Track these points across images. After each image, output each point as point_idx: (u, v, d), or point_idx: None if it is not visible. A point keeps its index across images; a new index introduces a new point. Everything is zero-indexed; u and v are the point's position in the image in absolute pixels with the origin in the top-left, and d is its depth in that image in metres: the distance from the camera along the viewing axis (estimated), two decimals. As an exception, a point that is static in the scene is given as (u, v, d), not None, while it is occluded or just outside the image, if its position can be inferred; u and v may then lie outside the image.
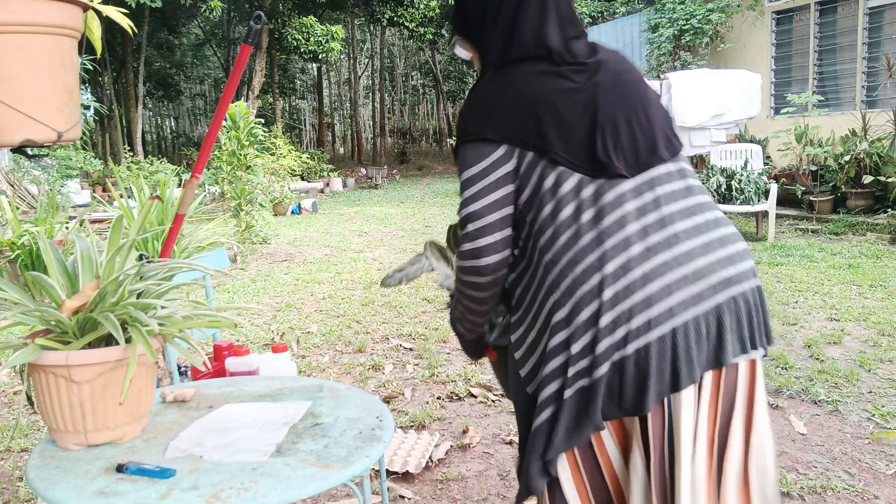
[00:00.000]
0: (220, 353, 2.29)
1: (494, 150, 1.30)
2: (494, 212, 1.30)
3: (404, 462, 2.59)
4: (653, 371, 1.20)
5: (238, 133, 7.57)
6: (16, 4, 1.26)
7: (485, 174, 1.31)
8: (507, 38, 1.37)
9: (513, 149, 1.30)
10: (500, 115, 1.31)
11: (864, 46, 9.03)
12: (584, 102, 1.30)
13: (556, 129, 1.28)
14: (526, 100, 1.30)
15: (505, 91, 1.33)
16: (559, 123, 1.28)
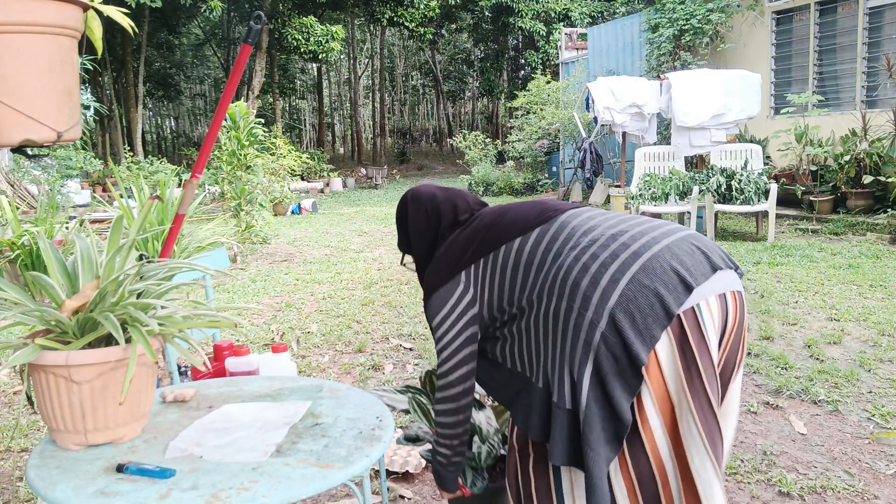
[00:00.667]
0: (220, 353, 2.29)
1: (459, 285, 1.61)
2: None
3: (404, 462, 2.59)
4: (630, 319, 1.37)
5: (238, 133, 7.57)
6: (15, 4, 1.26)
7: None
8: (430, 246, 1.75)
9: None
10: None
11: (864, 46, 9.03)
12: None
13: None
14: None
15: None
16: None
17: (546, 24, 21.48)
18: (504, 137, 19.28)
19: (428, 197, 1.78)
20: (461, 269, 1.60)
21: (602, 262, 1.36)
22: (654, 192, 7.70)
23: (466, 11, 25.80)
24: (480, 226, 1.65)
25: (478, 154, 16.64)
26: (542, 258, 1.46)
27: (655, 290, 1.31)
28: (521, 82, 23.77)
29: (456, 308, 1.59)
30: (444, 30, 29.22)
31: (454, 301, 1.59)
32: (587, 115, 11.46)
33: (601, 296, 1.32)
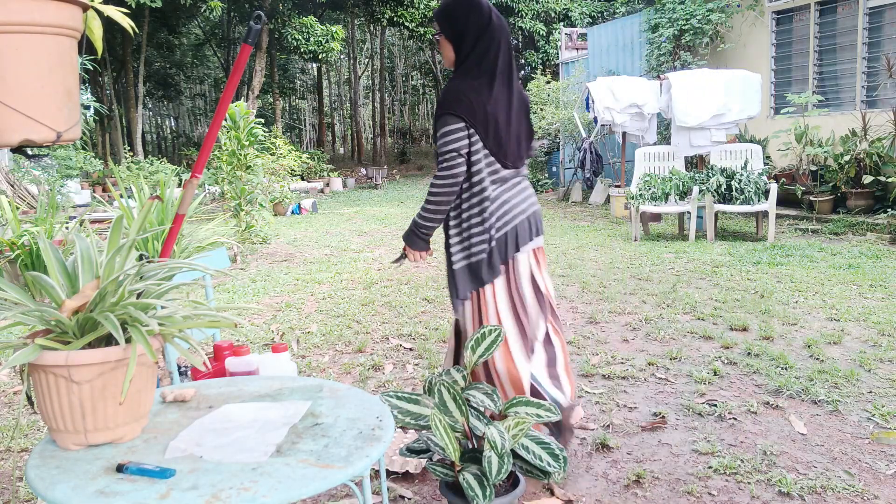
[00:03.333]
0: (220, 353, 2.29)
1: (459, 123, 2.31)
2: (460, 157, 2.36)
3: (404, 462, 2.59)
4: (511, 240, 2.43)
5: (238, 133, 7.57)
6: (15, 4, 1.26)
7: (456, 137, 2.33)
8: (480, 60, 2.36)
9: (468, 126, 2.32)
10: (467, 105, 2.31)
11: (864, 46, 9.03)
12: (506, 118, 2.39)
13: (494, 129, 2.36)
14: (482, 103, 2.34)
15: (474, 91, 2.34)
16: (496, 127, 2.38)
17: (546, 24, 21.48)
18: (504, 137, 19.21)
19: (503, 30, 2.38)
20: (471, 122, 2.30)
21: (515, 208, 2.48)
22: (654, 192, 7.70)
23: (466, 11, 25.73)
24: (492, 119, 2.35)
25: (478, 154, 16.61)
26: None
27: (528, 230, 2.49)
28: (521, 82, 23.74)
29: (461, 135, 2.32)
30: (444, 30, 29.15)
31: (464, 132, 2.32)
32: (587, 115, 11.46)
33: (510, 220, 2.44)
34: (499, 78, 2.35)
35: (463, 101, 2.29)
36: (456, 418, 1.98)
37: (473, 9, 2.33)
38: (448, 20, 2.35)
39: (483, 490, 1.85)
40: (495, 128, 2.34)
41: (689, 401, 3.17)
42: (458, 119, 2.28)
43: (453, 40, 2.36)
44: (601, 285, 5.53)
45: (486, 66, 2.33)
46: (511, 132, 2.39)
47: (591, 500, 2.37)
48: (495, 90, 2.33)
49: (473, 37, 2.32)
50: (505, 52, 2.36)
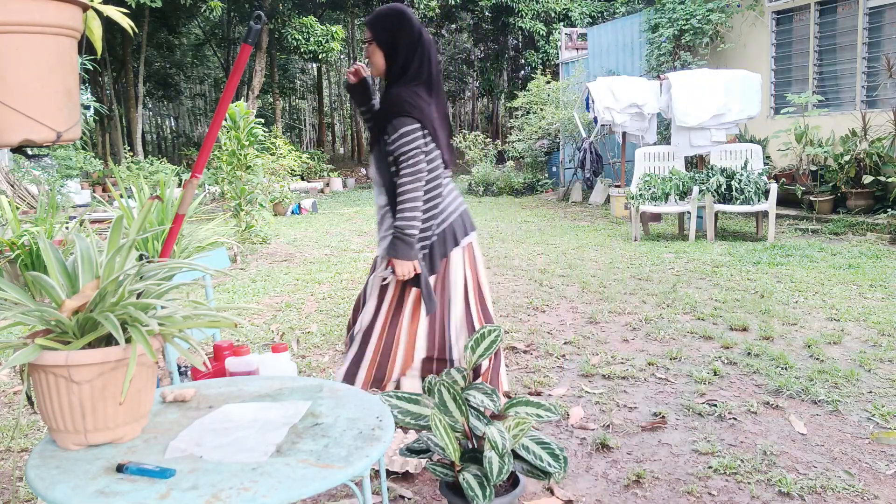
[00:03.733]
0: (220, 353, 2.29)
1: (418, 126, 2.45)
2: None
3: (404, 462, 2.59)
4: (450, 236, 2.60)
5: (238, 133, 7.57)
6: (15, 4, 1.26)
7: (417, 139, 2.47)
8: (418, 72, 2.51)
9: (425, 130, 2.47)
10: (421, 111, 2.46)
11: (864, 46, 9.03)
12: (446, 122, 2.62)
13: (437, 133, 2.53)
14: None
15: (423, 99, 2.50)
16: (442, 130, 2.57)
17: (546, 24, 21.47)
18: (504, 137, 19.28)
19: (431, 44, 2.55)
20: (423, 124, 2.45)
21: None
22: (654, 192, 7.70)
23: (466, 11, 25.78)
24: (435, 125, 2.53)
25: (478, 154, 16.63)
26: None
27: (463, 225, 2.66)
28: (521, 82, 23.78)
29: (419, 135, 2.45)
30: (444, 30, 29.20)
31: (420, 132, 2.45)
32: (587, 115, 11.46)
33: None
34: (434, 87, 2.52)
35: (416, 106, 2.43)
36: (456, 418, 1.98)
37: (406, 20, 2.48)
38: (384, 29, 2.48)
39: (483, 490, 1.85)
40: (437, 132, 2.51)
41: (689, 401, 3.17)
42: (413, 120, 2.41)
43: (386, 49, 2.49)
44: (601, 285, 5.53)
45: (424, 76, 2.49)
46: (445, 137, 2.58)
47: (591, 500, 2.37)
48: (433, 98, 2.51)
49: (408, 47, 2.47)
50: (436, 64, 2.54)
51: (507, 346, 4.07)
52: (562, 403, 3.19)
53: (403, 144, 2.42)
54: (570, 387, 3.41)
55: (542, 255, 7.08)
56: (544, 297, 5.26)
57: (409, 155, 2.42)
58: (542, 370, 3.65)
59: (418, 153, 2.42)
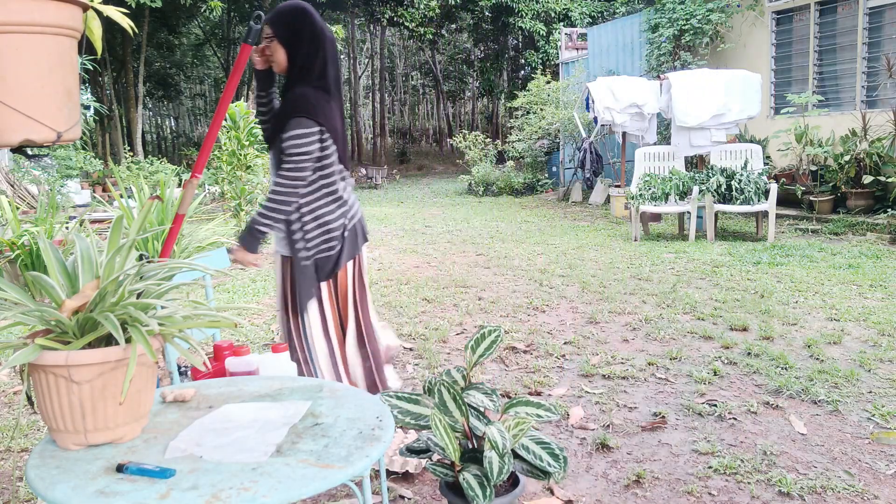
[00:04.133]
0: (220, 353, 2.29)
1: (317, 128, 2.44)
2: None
3: (404, 462, 2.59)
4: (349, 242, 2.62)
5: (238, 133, 7.57)
6: (15, 4, 1.26)
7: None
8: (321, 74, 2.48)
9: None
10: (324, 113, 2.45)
11: (864, 46, 9.03)
12: (342, 125, 2.57)
13: (338, 134, 2.53)
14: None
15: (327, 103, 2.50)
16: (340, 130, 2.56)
17: (546, 24, 21.47)
18: (504, 137, 19.27)
19: (333, 43, 2.54)
20: (326, 127, 2.44)
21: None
22: (654, 192, 7.70)
23: (466, 11, 25.78)
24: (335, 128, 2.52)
25: (478, 154, 16.64)
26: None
27: (361, 233, 2.71)
28: (521, 82, 23.78)
29: (315, 139, 2.44)
30: (444, 30, 29.19)
31: (314, 135, 2.43)
32: (587, 115, 11.46)
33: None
34: (334, 88, 2.51)
35: (318, 107, 2.42)
36: (456, 418, 1.98)
37: (308, 19, 2.46)
38: (285, 26, 2.46)
39: (483, 490, 1.85)
40: (337, 133, 2.51)
41: (689, 401, 3.17)
42: (314, 123, 2.41)
43: (288, 46, 2.46)
44: (601, 285, 5.53)
45: (326, 77, 2.48)
46: (343, 137, 2.59)
47: (591, 500, 2.37)
48: (333, 99, 2.51)
49: (311, 46, 2.45)
50: (337, 65, 2.55)
51: (507, 346, 4.07)
52: (562, 403, 3.19)
53: (295, 147, 2.40)
54: (570, 387, 3.41)
55: (542, 255, 7.08)
56: (544, 297, 5.26)
57: (296, 158, 2.41)
58: (542, 370, 3.65)
59: (306, 159, 2.42)
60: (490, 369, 3.71)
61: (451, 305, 5.12)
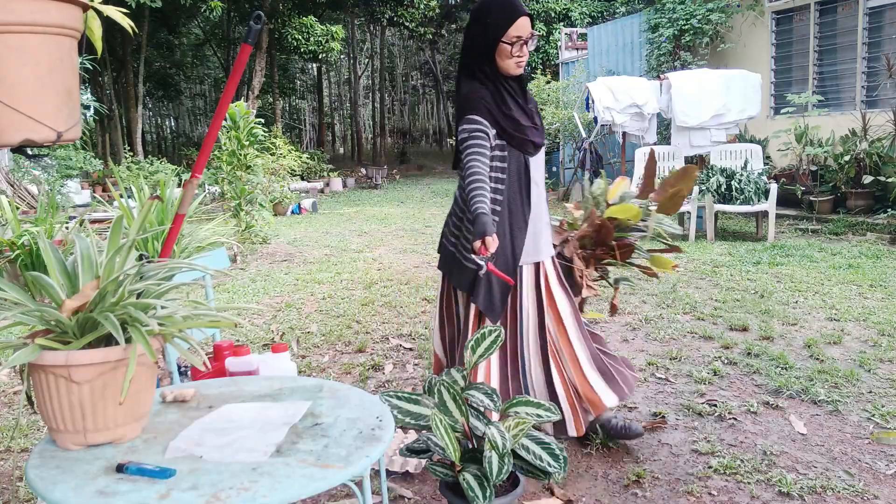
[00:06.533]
0: (220, 353, 2.29)
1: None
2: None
3: (404, 462, 2.59)
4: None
5: (238, 133, 7.56)
6: (16, 4, 1.26)
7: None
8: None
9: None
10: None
11: (864, 46, 9.03)
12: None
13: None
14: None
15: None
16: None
17: (546, 24, 21.47)
18: (504, 137, 19.21)
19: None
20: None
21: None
22: (654, 192, 7.68)
23: (466, 11, 25.79)
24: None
25: (478, 154, 16.60)
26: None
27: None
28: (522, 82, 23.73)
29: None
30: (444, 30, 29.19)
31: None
32: (587, 115, 11.45)
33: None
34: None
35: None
36: (456, 418, 1.98)
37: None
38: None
39: (483, 490, 1.85)
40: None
41: (689, 401, 3.17)
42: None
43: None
44: (601, 285, 5.52)
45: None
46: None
47: (591, 500, 2.37)
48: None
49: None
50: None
51: (507, 346, 4.07)
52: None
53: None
54: (570, 387, 3.40)
55: (542, 255, 7.07)
56: (544, 297, 5.25)
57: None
58: (542, 370, 3.65)
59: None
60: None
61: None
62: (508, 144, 2.46)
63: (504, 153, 2.46)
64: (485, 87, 2.45)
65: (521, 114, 2.49)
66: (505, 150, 2.46)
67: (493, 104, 2.43)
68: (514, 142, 2.46)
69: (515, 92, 2.51)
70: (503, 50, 2.41)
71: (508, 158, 2.47)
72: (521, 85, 2.55)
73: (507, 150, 2.47)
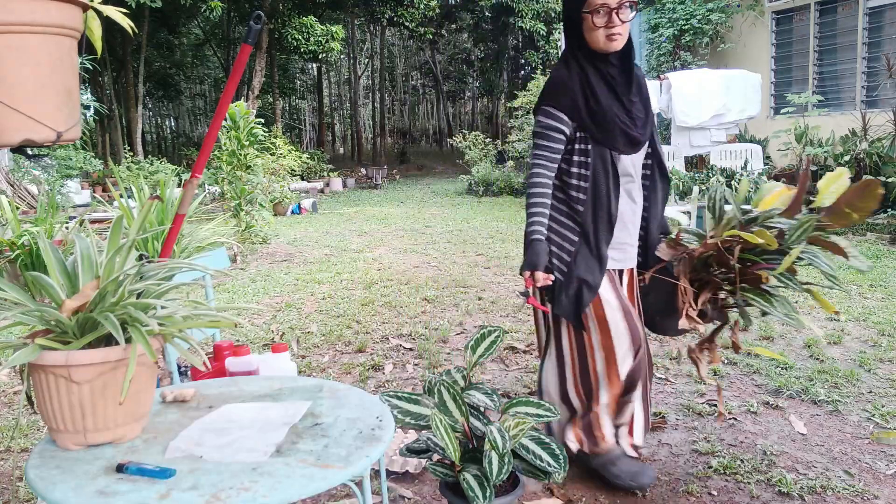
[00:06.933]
0: (220, 353, 2.29)
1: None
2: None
3: (404, 462, 2.59)
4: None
5: (238, 133, 7.56)
6: (16, 4, 1.26)
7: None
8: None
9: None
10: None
11: (864, 46, 9.03)
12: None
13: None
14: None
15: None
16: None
17: (546, 24, 21.47)
18: (504, 137, 19.27)
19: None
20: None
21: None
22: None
23: (466, 11, 25.80)
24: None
25: (478, 154, 16.64)
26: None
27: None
28: (521, 82, 23.76)
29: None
30: (444, 30, 29.19)
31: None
32: (587, 115, 11.44)
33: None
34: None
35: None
36: (456, 418, 1.98)
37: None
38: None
39: (483, 490, 1.85)
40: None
41: (689, 401, 3.17)
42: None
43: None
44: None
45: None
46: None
47: (591, 500, 2.37)
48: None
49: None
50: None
51: (507, 346, 4.07)
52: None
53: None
54: (570, 387, 3.40)
55: (542, 255, 7.07)
56: (544, 297, 5.25)
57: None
58: (542, 370, 3.65)
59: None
60: (490, 369, 3.71)
61: (451, 305, 5.12)
62: (592, 139, 2.16)
63: (586, 146, 2.17)
64: (571, 71, 2.14)
65: (613, 103, 2.15)
66: (588, 143, 2.16)
67: (577, 91, 2.12)
68: (599, 136, 2.14)
69: (614, 78, 2.16)
70: (587, 22, 2.07)
71: (592, 154, 2.16)
72: (626, 68, 2.17)
73: (591, 144, 2.16)
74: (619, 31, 2.06)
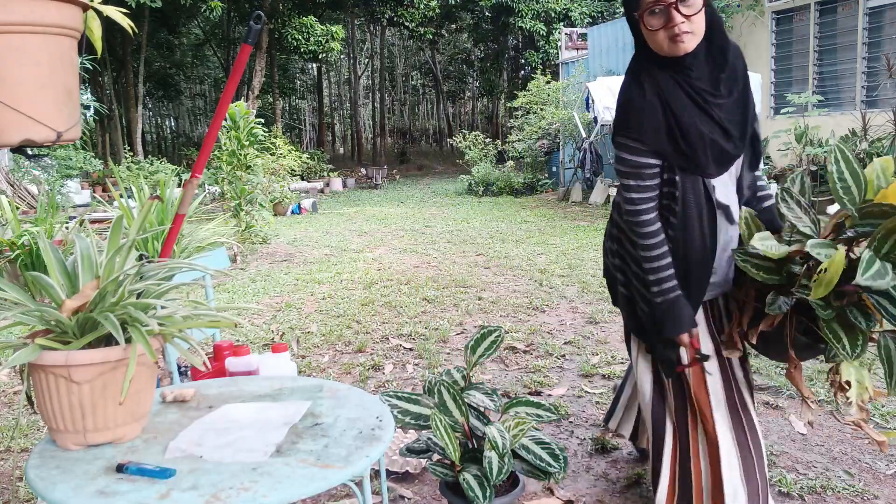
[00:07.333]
0: (220, 353, 2.29)
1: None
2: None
3: (404, 462, 2.59)
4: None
5: (238, 133, 7.57)
6: (16, 4, 1.26)
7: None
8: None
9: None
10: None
11: (864, 46, 9.03)
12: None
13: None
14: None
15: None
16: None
17: (546, 24, 21.47)
18: (504, 137, 19.28)
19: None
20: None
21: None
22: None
23: (466, 11, 25.80)
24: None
25: (478, 154, 16.65)
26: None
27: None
28: (521, 82, 23.77)
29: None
30: (444, 30, 29.20)
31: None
32: (587, 115, 11.46)
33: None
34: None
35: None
36: (456, 418, 1.98)
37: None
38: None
39: (483, 490, 1.85)
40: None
41: (689, 401, 3.16)
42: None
43: (711, 18, 1.82)
44: (601, 285, 5.53)
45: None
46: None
47: (591, 500, 2.37)
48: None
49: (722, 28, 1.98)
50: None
51: (507, 346, 4.07)
52: (562, 403, 3.19)
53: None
54: (570, 387, 3.40)
55: (542, 255, 7.08)
56: (544, 297, 5.26)
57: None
58: (542, 370, 3.65)
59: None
60: (490, 369, 3.71)
61: (451, 305, 5.12)
62: (677, 167, 1.79)
63: (674, 176, 1.79)
64: (643, 88, 1.77)
65: (700, 117, 1.77)
66: (675, 172, 1.79)
67: (658, 118, 1.75)
68: (685, 164, 1.78)
69: (693, 84, 1.77)
70: (643, 26, 1.74)
71: (682, 185, 1.79)
72: (712, 64, 1.82)
73: (678, 173, 1.79)
74: (684, 30, 1.69)
